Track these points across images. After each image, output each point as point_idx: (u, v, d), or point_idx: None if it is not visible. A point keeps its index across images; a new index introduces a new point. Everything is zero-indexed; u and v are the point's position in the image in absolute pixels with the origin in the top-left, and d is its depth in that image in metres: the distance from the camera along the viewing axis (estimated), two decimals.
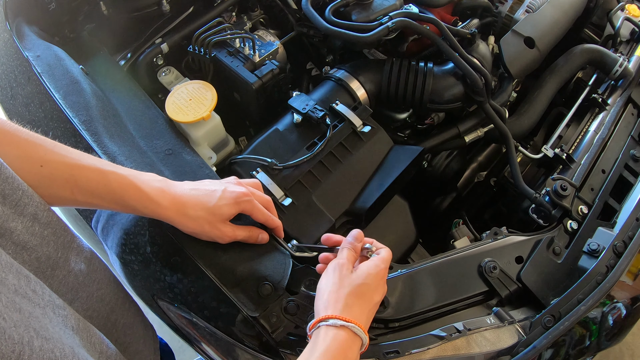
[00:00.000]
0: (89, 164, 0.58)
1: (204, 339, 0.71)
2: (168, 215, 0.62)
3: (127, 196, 0.60)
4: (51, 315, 0.43)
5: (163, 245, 0.71)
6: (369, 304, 0.59)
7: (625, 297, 0.82)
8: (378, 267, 0.62)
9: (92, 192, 0.58)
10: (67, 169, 0.56)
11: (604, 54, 1.14)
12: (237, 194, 0.66)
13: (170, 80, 1.10)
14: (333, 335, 0.55)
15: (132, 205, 0.60)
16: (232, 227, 0.67)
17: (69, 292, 0.54)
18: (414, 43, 1.18)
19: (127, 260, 0.73)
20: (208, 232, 0.65)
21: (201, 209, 0.63)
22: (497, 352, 0.69)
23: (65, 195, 0.57)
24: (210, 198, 0.64)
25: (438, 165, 1.17)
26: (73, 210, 0.91)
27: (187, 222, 0.64)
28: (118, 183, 0.59)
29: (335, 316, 0.56)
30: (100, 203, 0.60)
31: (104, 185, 0.58)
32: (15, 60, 0.93)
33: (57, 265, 0.53)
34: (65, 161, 0.56)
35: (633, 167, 0.98)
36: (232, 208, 0.65)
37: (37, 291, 0.43)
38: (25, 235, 0.49)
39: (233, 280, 0.67)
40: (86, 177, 0.57)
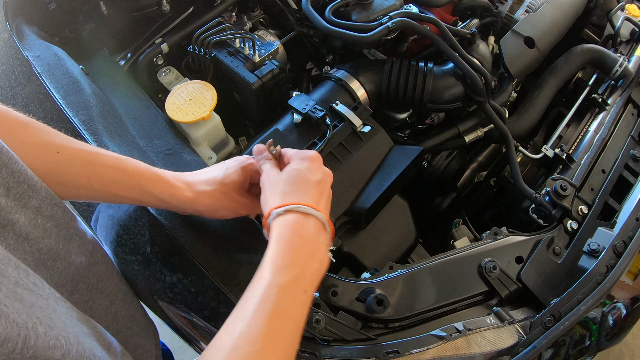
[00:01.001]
0: (105, 152, 0.59)
1: (204, 339, 0.71)
2: (185, 195, 0.63)
3: (143, 180, 0.60)
4: (54, 306, 0.43)
5: (163, 245, 0.71)
6: (307, 185, 0.59)
7: (625, 297, 0.82)
8: (300, 154, 0.63)
9: (109, 178, 0.58)
10: (84, 155, 0.57)
11: (604, 54, 1.14)
12: (240, 160, 0.67)
13: (170, 80, 1.10)
14: (281, 222, 0.55)
15: (150, 189, 0.61)
16: (250, 198, 0.67)
17: (69, 284, 0.54)
18: (414, 43, 1.18)
19: (127, 260, 0.73)
20: (227, 205, 0.65)
21: (212, 183, 0.64)
22: (497, 352, 0.69)
23: (82, 182, 0.57)
24: (217, 172, 0.66)
25: (438, 165, 1.17)
26: (73, 210, 0.91)
27: (203, 198, 0.64)
28: (135, 168, 0.60)
29: (274, 207, 0.56)
30: (117, 190, 0.60)
31: (122, 170, 0.59)
32: (15, 60, 0.93)
33: (58, 257, 0.53)
34: (82, 148, 0.57)
35: (633, 167, 0.98)
36: (241, 174, 0.66)
37: (37, 284, 0.42)
38: (28, 227, 0.49)
39: (233, 280, 0.67)
40: (103, 162, 0.58)
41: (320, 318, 0.66)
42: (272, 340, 0.47)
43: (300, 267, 0.53)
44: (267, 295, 0.49)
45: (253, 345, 0.45)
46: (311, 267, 0.54)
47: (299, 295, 0.51)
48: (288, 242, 0.54)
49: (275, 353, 0.47)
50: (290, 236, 0.54)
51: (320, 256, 0.56)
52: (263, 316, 0.47)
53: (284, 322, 0.49)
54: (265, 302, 0.48)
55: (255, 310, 0.48)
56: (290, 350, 0.49)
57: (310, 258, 0.54)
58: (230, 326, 0.48)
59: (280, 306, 0.49)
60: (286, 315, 0.49)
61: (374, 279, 0.74)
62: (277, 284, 0.50)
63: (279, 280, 0.50)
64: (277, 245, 0.54)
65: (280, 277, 0.51)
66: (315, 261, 0.55)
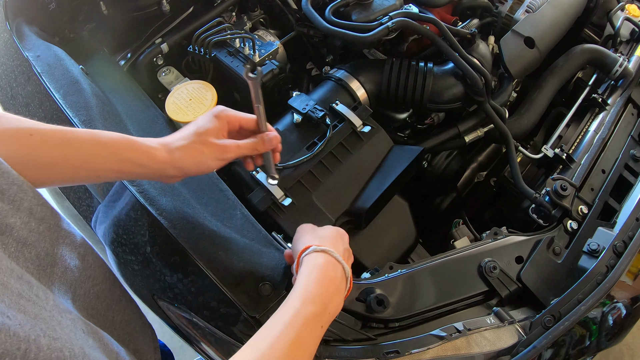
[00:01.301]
0: (79, 129, 0.59)
1: (204, 339, 0.71)
2: (163, 155, 0.62)
3: (120, 148, 0.59)
4: (59, 318, 0.43)
5: (163, 245, 0.71)
6: (341, 243, 0.65)
7: (625, 297, 0.82)
8: (333, 228, 0.69)
9: (86, 152, 0.57)
10: (58, 134, 0.56)
11: (604, 54, 1.14)
12: (212, 110, 0.66)
13: (170, 80, 1.10)
14: (315, 257, 0.60)
15: (128, 156, 0.60)
16: (231, 141, 0.66)
17: (69, 291, 0.54)
18: (414, 43, 1.18)
19: (126, 260, 0.73)
20: (209, 154, 0.64)
21: (186, 137, 0.63)
22: (497, 352, 0.69)
23: (60, 161, 0.56)
24: (190, 125, 0.65)
25: (438, 165, 1.17)
26: (73, 210, 0.91)
27: (182, 154, 0.62)
28: (109, 138, 0.59)
29: (313, 244, 0.62)
30: (95, 164, 0.59)
31: (97, 142, 0.58)
32: (15, 60, 0.93)
33: (55, 262, 0.53)
34: (55, 128, 0.56)
35: (633, 167, 0.98)
36: (215, 121, 0.65)
37: (41, 296, 0.42)
38: (24, 231, 0.48)
39: (233, 281, 0.67)
40: (77, 137, 0.57)
41: None
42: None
43: (325, 304, 0.57)
44: (294, 323, 0.53)
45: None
46: (332, 306, 0.58)
47: (318, 329, 0.56)
48: (319, 278, 0.58)
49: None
50: (322, 274, 0.59)
51: (339, 300, 0.60)
52: (286, 341, 0.51)
53: (302, 351, 0.52)
54: (290, 328, 0.52)
55: (281, 334, 0.51)
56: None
57: (333, 298, 0.59)
58: (256, 344, 0.51)
59: (303, 335, 0.53)
60: (305, 345, 0.53)
61: (374, 279, 0.74)
62: (303, 314, 0.54)
63: (306, 311, 0.54)
64: (309, 278, 0.58)
65: (308, 308, 0.54)
66: (336, 302, 0.59)
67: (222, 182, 0.81)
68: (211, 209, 0.76)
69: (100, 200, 0.82)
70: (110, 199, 0.79)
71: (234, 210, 0.77)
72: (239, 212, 0.76)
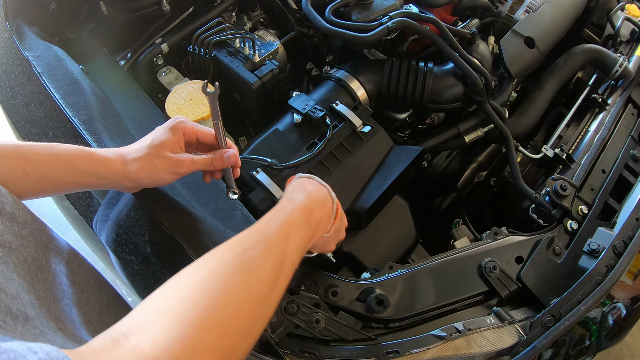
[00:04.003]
0: (37, 143, 0.59)
1: None
2: (117, 168, 0.62)
3: (76, 160, 0.59)
4: (32, 341, 0.42)
5: (163, 245, 0.71)
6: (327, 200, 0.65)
7: (625, 297, 0.82)
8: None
9: (43, 166, 0.58)
10: (16, 149, 0.56)
11: (604, 54, 1.14)
12: (168, 122, 0.65)
13: (170, 80, 1.10)
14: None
15: (84, 168, 0.60)
16: (186, 155, 0.65)
17: (64, 297, 0.54)
18: (414, 43, 1.18)
19: (127, 260, 0.73)
20: (162, 167, 0.63)
21: (141, 149, 0.63)
22: (497, 352, 0.69)
23: (19, 175, 0.56)
24: (146, 138, 0.64)
25: (438, 165, 1.17)
26: (73, 210, 0.91)
27: (135, 165, 0.62)
28: (66, 150, 0.59)
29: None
30: (54, 177, 0.59)
31: (54, 155, 0.58)
32: (15, 60, 0.93)
33: (42, 267, 0.52)
34: (13, 143, 0.57)
35: (633, 167, 0.98)
36: (170, 134, 0.64)
37: (8, 322, 0.42)
38: (8, 235, 0.48)
39: None
40: (35, 151, 0.57)
41: (320, 318, 0.66)
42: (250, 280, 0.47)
43: (311, 208, 0.58)
44: (283, 224, 0.54)
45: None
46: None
47: (304, 231, 0.56)
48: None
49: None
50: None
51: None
52: (272, 240, 0.51)
53: (288, 258, 0.52)
54: (283, 229, 0.53)
55: (271, 232, 0.52)
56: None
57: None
58: (256, 231, 0.52)
59: (290, 233, 0.53)
60: (293, 247, 0.53)
61: (374, 279, 0.74)
62: (292, 208, 0.56)
63: (292, 206, 0.57)
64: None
65: (294, 209, 0.56)
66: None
67: (222, 182, 0.81)
68: (211, 209, 0.76)
69: (100, 200, 0.82)
70: (109, 198, 0.79)
71: (234, 210, 0.77)
72: (239, 212, 0.76)
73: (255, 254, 0.47)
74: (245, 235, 0.50)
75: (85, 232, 0.96)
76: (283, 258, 0.50)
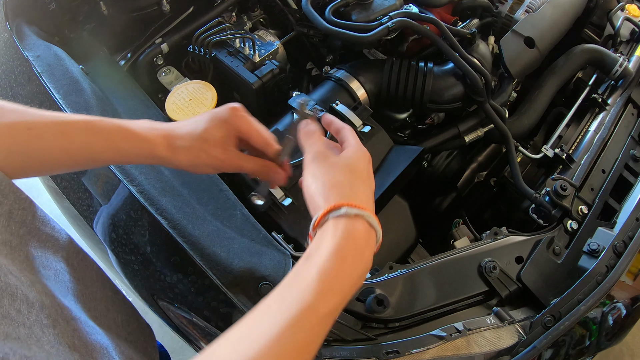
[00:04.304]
0: (76, 118, 0.56)
1: (204, 339, 0.71)
2: (160, 151, 0.59)
3: (118, 140, 0.57)
4: (39, 334, 0.42)
5: (163, 245, 0.71)
6: (370, 187, 0.52)
7: (625, 297, 0.82)
8: (361, 149, 0.56)
9: (84, 145, 0.56)
10: (56, 126, 0.54)
11: (604, 54, 1.14)
12: (226, 110, 0.59)
13: (170, 80, 1.10)
14: (344, 227, 0.45)
15: (126, 148, 0.58)
16: (235, 154, 0.60)
17: (68, 292, 0.54)
18: (414, 43, 1.18)
19: (126, 260, 0.73)
20: (207, 162, 0.59)
21: (191, 138, 0.58)
22: (497, 352, 0.69)
23: (59, 155, 0.55)
24: (198, 124, 0.59)
25: (438, 165, 1.17)
26: (73, 210, 0.91)
27: (181, 154, 0.59)
28: (107, 129, 0.57)
29: (346, 203, 0.46)
30: (94, 155, 0.57)
31: (94, 133, 0.56)
32: (15, 60, 0.93)
33: (43, 265, 0.52)
34: (52, 120, 0.54)
35: (633, 167, 0.98)
36: (222, 128, 0.59)
37: (22, 311, 0.42)
38: (5, 234, 0.48)
39: (233, 280, 0.67)
40: (75, 129, 0.55)
41: None
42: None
43: (347, 291, 0.44)
44: (303, 322, 0.40)
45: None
46: (355, 288, 0.46)
47: (330, 323, 0.43)
48: (348, 257, 0.44)
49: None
50: (353, 251, 0.45)
51: (364, 275, 0.47)
52: (288, 345, 0.38)
53: (306, 354, 0.41)
54: (297, 329, 0.39)
55: (282, 333, 0.38)
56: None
57: (360, 280, 0.46)
58: (241, 338, 0.39)
59: (310, 338, 0.40)
60: (312, 345, 0.41)
61: (374, 279, 0.74)
62: (318, 312, 0.41)
63: (322, 308, 0.41)
64: (334, 257, 0.44)
65: (326, 304, 0.41)
66: (361, 281, 0.47)
67: (222, 182, 0.81)
68: (211, 209, 0.76)
69: (100, 200, 0.82)
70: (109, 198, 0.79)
71: (234, 210, 0.77)
72: (239, 212, 0.76)
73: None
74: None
75: (85, 232, 0.96)
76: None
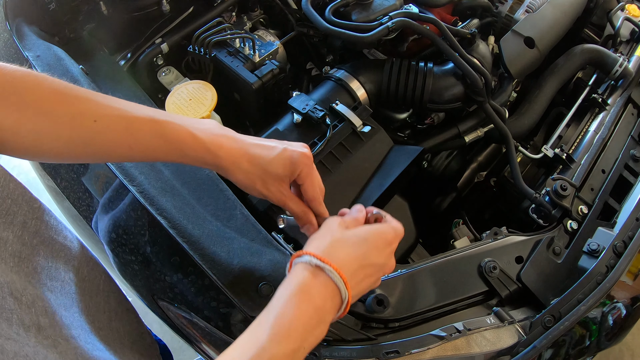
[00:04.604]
0: (144, 115, 0.55)
1: (204, 339, 0.71)
2: (223, 165, 0.58)
3: (184, 146, 0.56)
4: (44, 353, 0.42)
5: (163, 245, 0.71)
6: (361, 259, 0.53)
7: (625, 297, 0.82)
8: (384, 228, 0.57)
9: (148, 145, 0.55)
10: (122, 122, 0.53)
11: (604, 54, 1.14)
12: (297, 154, 0.60)
13: (170, 80, 1.10)
14: (303, 277, 0.49)
15: (190, 155, 0.57)
16: (285, 192, 0.62)
17: (73, 304, 0.54)
18: (414, 43, 1.18)
19: (126, 260, 0.73)
20: (258, 189, 0.61)
21: (256, 165, 0.59)
22: (497, 352, 0.69)
23: (122, 150, 0.54)
24: (268, 153, 0.60)
25: (438, 165, 1.17)
26: (73, 210, 0.91)
27: (240, 175, 0.59)
28: (175, 133, 0.56)
29: (310, 253, 0.50)
30: (157, 155, 0.57)
31: (161, 136, 0.55)
32: (15, 60, 0.93)
33: (52, 276, 0.52)
34: (119, 114, 0.53)
35: (633, 167, 0.98)
36: (287, 168, 0.60)
37: (21, 333, 0.42)
38: (17, 245, 0.48)
39: (233, 280, 0.67)
40: (141, 129, 0.54)
41: None
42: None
43: (303, 339, 0.46)
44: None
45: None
46: (311, 340, 0.48)
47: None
48: (302, 306, 0.47)
49: None
50: (307, 301, 0.48)
51: (322, 330, 0.49)
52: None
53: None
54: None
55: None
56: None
57: (315, 330, 0.48)
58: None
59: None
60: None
61: None
62: (271, 353, 0.44)
63: (275, 350, 0.44)
64: (289, 303, 0.47)
65: (278, 347, 0.44)
66: (317, 334, 0.49)
67: (222, 182, 0.81)
68: (211, 209, 0.76)
69: (100, 200, 0.82)
70: (109, 197, 0.79)
71: (234, 210, 0.77)
72: (239, 212, 0.76)
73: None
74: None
75: (85, 232, 0.96)
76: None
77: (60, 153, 0.51)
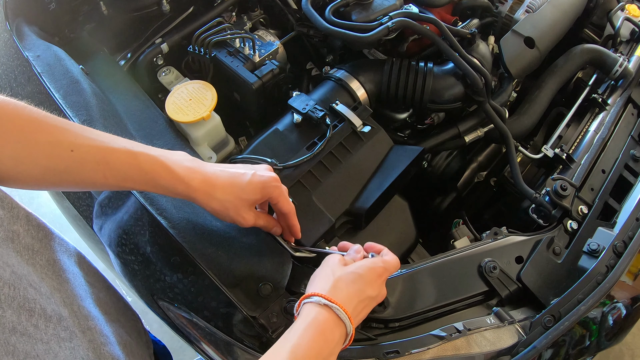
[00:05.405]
0: (119, 147, 0.57)
1: (204, 339, 0.71)
2: (196, 196, 0.62)
3: (158, 177, 0.59)
4: (56, 350, 0.42)
5: (163, 245, 0.71)
6: (359, 294, 0.59)
7: (625, 297, 0.82)
8: (375, 264, 0.63)
9: (123, 175, 0.57)
10: (98, 152, 0.55)
11: (604, 54, 1.14)
12: (266, 179, 0.65)
13: (170, 80, 1.10)
14: (314, 314, 0.55)
15: (163, 185, 0.60)
16: (254, 215, 0.67)
17: (87, 296, 0.54)
18: (414, 43, 1.18)
19: (126, 260, 0.73)
20: (232, 216, 0.65)
21: (229, 193, 0.63)
22: (497, 352, 0.69)
23: (98, 179, 0.56)
24: (239, 181, 0.64)
25: (438, 165, 1.17)
26: (73, 210, 0.91)
27: (213, 203, 0.63)
28: (149, 164, 0.58)
29: (318, 294, 0.56)
30: (132, 185, 0.60)
31: (135, 166, 0.58)
32: (15, 60, 0.93)
33: (62, 269, 0.53)
34: (95, 145, 0.55)
35: (633, 167, 0.98)
36: (259, 193, 0.65)
37: (40, 326, 0.42)
38: (28, 238, 0.49)
39: (233, 280, 0.67)
40: (117, 159, 0.57)
41: None
42: None
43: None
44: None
45: None
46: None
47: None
48: (314, 338, 0.53)
49: None
50: (318, 335, 0.54)
51: (330, 357, 0.55)
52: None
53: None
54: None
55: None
56: None
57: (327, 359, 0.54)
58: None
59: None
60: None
61: None
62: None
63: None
64: (303, 337, 0.53)
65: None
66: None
67: None
68: None
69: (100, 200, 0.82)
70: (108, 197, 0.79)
71: None
72: None
73: None
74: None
75: (85, 232, 0.96)
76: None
77: (38, 180, 0.53)
